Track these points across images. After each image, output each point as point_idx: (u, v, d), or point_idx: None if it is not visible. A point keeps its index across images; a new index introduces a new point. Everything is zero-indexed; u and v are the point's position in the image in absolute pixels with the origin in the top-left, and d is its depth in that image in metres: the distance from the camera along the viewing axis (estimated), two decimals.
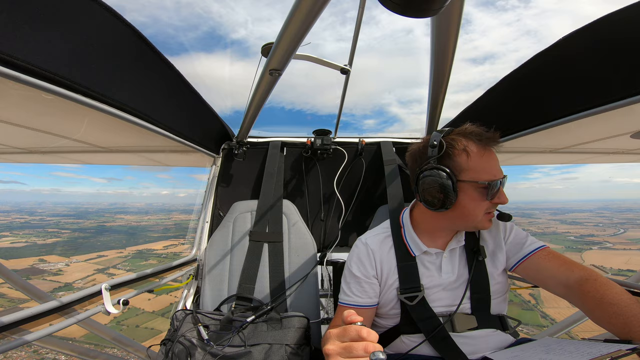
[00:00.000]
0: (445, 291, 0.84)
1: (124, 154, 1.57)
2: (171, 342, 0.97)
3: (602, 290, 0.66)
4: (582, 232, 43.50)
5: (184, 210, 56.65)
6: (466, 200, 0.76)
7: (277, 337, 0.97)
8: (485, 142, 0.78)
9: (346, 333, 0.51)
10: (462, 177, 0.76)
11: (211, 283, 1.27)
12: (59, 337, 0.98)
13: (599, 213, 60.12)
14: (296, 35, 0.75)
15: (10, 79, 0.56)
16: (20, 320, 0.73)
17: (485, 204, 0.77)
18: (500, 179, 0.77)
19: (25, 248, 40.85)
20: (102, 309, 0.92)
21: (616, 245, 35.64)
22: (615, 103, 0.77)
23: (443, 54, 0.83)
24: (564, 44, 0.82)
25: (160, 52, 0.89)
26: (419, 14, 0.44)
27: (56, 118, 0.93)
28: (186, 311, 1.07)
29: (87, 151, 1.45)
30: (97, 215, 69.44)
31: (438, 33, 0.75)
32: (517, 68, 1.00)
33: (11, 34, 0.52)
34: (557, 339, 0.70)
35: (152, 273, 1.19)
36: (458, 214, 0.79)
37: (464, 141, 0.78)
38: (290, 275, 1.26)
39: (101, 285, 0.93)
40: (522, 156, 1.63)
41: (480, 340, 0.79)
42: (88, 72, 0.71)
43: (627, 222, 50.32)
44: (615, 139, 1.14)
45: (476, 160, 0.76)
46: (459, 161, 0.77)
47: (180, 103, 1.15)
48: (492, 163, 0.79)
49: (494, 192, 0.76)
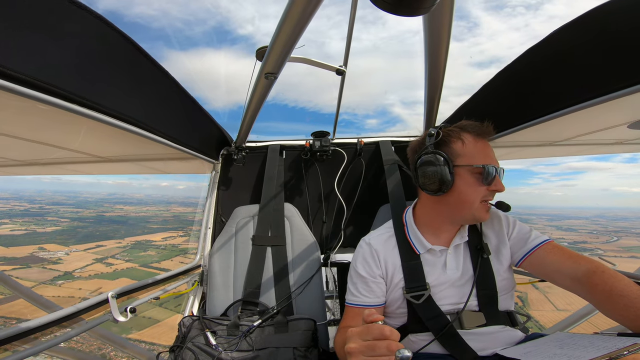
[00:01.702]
0: (452, 288, 0.84)
1: (122, 163, 1.57)
2: (180, 349, 0.97)
3: (610, 282, 0.66)
4: (575, 239, 44.12)
5: (182, 202, 56.02)
6: (463, 186, 0.79)
7: (285, 341, 0.98)
8: (479, 133, 0.82)
9: (369, 332, 0.51)
10: (458, 162, 0.80)
11: (216, 289, 1.28)
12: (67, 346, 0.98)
13: (595, 221, 60.85)
14: (290, 38, 0.75)
15: (3, 90, 0.55)
16: (28, 331, 0.73)
17: (481, 190, 0.79)
18: (495, 166, 0.80)
19: (25, 236, 40.45)
20: (110, 317, 0.92)
21: (607, 252, 36.48)
22: (612, 94, 0.78)
23: (437, 52, 0.84)
24: (557, 37, 0.83)
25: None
26: (410, 12, 0.45)
27: (53, 129, 0.93)
28: (193, 317, 1.08)
29: (86, 161, 1.46)
30: (97, 205, 69.08)
31: (430, 30, 0.76)
32: (512, 62, 1.00)
33: (2, 43, 0.52)
34: (569, 334, 0.69)
35: (157, 280, 1.19)
36: (455, 200, 0.81)
37: (460, 132, 0.82)
38: (295, 278, 1.27)
39: (107, 294, 0.94)
40: (521, 150, 1.63)
41: (489, 337, 0.79)
42: (82, 81, 0.70)
43: (621, 230, 50.97)
44: (612, 130, 1.14)
45: (471, 146, 0.81)
46: (454, 147, 0.81)
47: (177, 110, 1.15)
48: (486, 151, 0.82)
49: (489, 178, 0.78)
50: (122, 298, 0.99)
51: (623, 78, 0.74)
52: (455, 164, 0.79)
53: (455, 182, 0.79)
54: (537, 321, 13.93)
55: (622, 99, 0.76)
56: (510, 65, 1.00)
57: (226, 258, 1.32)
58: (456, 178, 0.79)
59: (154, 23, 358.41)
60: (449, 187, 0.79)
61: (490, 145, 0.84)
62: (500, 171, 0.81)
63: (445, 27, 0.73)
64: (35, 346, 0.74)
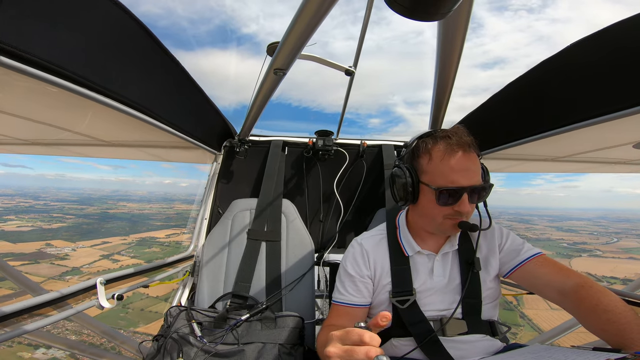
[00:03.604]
0: (437, 295, 0.83)
1: (125, 148, 1.57)
2: (164, 338, 0.96)
3: (597, 297, 0.66)
4: (575, 240, 43.83)
5: (185, 200, 56.83)
6: (425, 202, 0.80)
7: (271, 337, 0.97)
8: (455, 145, 0.74)
9: (348, 336, 0.49)
10: (422, 178, 0.79)
11: (207, 280, 1.27)
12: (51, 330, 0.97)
13: (596, 222, 60.53)
14: (302, 35, 0.75)
15: (14, 71, 0.56)
16: (13, 313, 0.72)
17: (443, 209, 0.76)
18: (459, 186, 0.73)
19: (32, 232, 40.85)
20: (96, 303, 0.91)
21: (606, 253, 36.08)
22: (619, 112, 0.77)
23: (449, 57, 0.83)
24: (569, 52, 0.82)
25: (167, 47, 0.89)
26: (426, 17, 0.44)
27: (59, 111, 0.93)
28: (180, 307, 1.07)
29: (89, 144, 1.46)
30: (100, 202, 69.58)
31: (445, 35, 0.75)
32: (523, 75, 0.99)
33: (17, 26, 0.52)
34: (546, 346, 0.69)
35: (148, 268, 1.18)
36: (420, 212, 0.83)
37: (433, 144, 0.77)
38: (287, 275, 1.26)
39: (96, 280, 0.93)
40: (524, 164, 1.62)
41: (469, 345, 0.78)
42: (93, 65, 0.71)
43: (622, 231, 50.73)
44: (617, 149, 1.13)
45: (436, 164, 0.76)
46: (421, 162, 0.80)
47: (184, 99, 1.16)
48: (453, 169, 0.74)
49: (445, 200, 0.74)
50: (111, 284, 0.98)
51: (632, 97, 0.74)
52: (420, 180, 0.80)
53: (420, 197, 0.80)
54: (530, 319, 13.65)
55: (629, 117, 0.76)
56: (521, 77, 1.00)
57: (220, 250, 1.31)
58: (420, 193, 0.80)
59: (161, 21, 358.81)
60: (413, 201, 0.82)
61: (471, 158, 0.76)
62: (469, 190, 0.74)
63: (460, 32, 0.72)
64: (20, 328, 0.74)
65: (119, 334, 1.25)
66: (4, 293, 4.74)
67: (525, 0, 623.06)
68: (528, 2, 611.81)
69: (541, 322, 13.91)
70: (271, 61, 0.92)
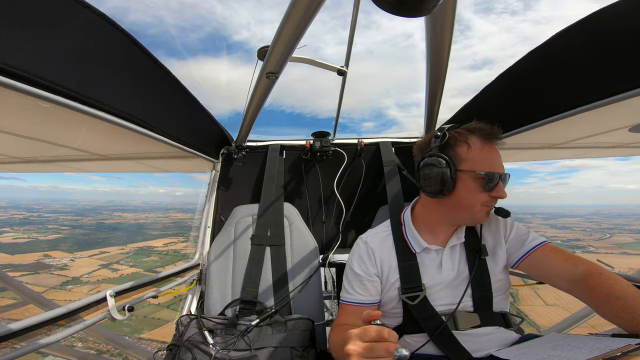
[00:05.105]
0: (447, 289, 0.84)
1: (123, 161, 1.57)
2: (177, 348, 0.97)
3: (608, 284, 0.66)
4: (569, 237, 44.22)
5: (180, 209, 56.64)
6: (463, 191, 0.78)
7: (283, 340, 0.98)
8: (487, 137, 0.80)
9: (367, 333, 0.51)
10: (461, 167, 0.78)
11: (215, 288, 1.28)
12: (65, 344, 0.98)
13: (589, 218, 60.89)
14: (291, 37, 0.75)
15: (5, 87, 0.55)
16: (26, 328, 0.73)
17: (482, 196, 0.78)
18: (500, 173, 0.78)
19: (28, 244, 40.96)
20: (108, 315, 0.92)
21: (599, 249, 36.77)
22: (612, 97, 0.78)
23: (438, 54, 0.84)
24: (557, 40, 0.83)
25: (158, 57, 0.89)
26: (412, 13, 0.44)
27: (54, 127, 0.93)
28: (191, 316, 1.07)
29: (86, 159, 1.46)
30: (95, 213, 69.39)
31: (432, 32, 0.75)
32: (513, 65, 1.00)
33: (5, 41, 0.52)
34: (563, 335, 0.69)
35: (155, 279, 1.19)
36: (455, 204, 0.81)
37: (467, 134, 0.81)
38: (293, 278, 1.27)
39: (106, 292, 0.94)
40: (521, 152, 1.63)
41: (484, 338, 0.79)
42: (84, 79, 0.70)
43: (615, 227, 51.11)
44: (613, 133, 1.14)
45: (476, 152, 0.79)
46: (459, 151, 0.79)
47: (178, 108, 1.15)
48: (492, 157, 0.80)
49: (492, 185, 0.77)
50: (121, 296, 0.99)
51: (624, 81, 0.74)
52: (458, 169, 0.78)
53: (456, 187, 0.78)
54: (526, 315, 14.07)
55: (623, 102, 0.76)
56: (512, 67, 1.00)
57: (225, 257, 1.32)
58: (458, 182, 0.78)
59: (151, 30, 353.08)
60: (450, 191, 0.79)
61: (498, 150, 0.82)
62: (505, 177, 0.80)
63: (447, 28, 0.72)
64: (33, 343, 0.74)
65: (133, 344, 1.27)
66: (6, 303, 4.75)
67: (507, 4, 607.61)
68: (509, 6, 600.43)
69: (537, 318, 14.08)
70: (263, 65, 0.92)
